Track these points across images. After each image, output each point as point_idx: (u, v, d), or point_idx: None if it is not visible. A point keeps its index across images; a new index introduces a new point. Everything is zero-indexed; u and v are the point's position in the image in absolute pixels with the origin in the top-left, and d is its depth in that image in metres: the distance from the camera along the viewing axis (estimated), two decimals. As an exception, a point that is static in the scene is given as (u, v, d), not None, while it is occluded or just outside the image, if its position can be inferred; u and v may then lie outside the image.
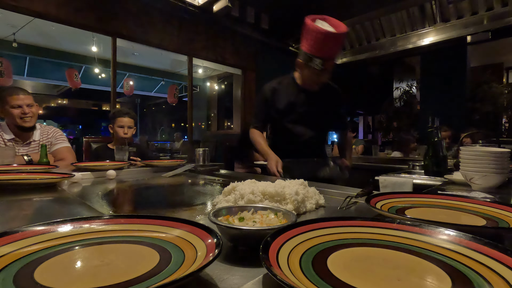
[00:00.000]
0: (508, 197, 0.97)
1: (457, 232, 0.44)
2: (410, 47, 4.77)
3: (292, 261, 0.38)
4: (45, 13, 3.21)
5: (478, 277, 0.35)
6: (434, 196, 0.79)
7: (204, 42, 4.67)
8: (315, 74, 1.63)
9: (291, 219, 0.52)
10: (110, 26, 3.70)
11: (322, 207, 0.83)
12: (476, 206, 0.70)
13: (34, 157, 1.82)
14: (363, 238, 0.47)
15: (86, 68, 7.15)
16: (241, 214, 0.57)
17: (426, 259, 0.40)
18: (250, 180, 0.86)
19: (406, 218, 0.57)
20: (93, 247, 0.45)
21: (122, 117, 2.41)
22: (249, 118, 5.45)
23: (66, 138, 2.20)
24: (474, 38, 4.23)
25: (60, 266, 0.39)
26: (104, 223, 0.51)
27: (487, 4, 3.98)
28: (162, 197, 1.16)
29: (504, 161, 1.03)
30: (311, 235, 0.46)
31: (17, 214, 0.75)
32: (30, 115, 1.96)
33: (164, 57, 6.05)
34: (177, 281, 0.30)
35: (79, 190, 1.13)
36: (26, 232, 0.45)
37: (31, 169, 1.41)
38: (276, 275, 0.30)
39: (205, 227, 0.46)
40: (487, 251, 0.39)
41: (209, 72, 7.11)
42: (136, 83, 7.59)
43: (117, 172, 1.48)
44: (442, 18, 4.35)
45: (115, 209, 0.90)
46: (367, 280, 0.35)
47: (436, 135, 1.50)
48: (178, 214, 0.78)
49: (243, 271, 0.41)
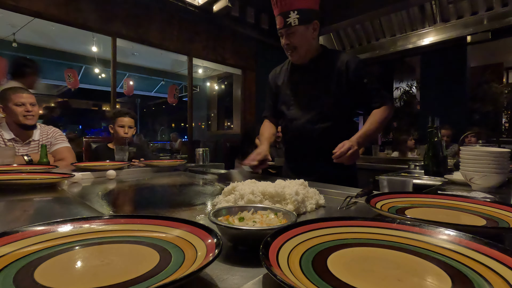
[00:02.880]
0: (508, 197, 0.97)
1: (457, 232, 0.44)
2: (410, 47, 4.77)
3: (292, 261, 0.38)
4: (45, 13, 3.21)
5: (478, 277, 0.35)
6: (434, 196, 0.79)
7: (204, 42, 4.67)
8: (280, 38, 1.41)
9: (291, 219, 0.52)
10: (110, 26, 3.70)
11: (322, 207, 0.83)
12: (476, 206, 0.70)
13: (34, 157, 1.82)
14: (363, 238, 0.47)
15: (86, 68, 7.15)
16: (241, 214, 0.57)
17: (426, 259, 0.40)
18: (250, 180, 0.86)
19: (406, 218, 0.57)
20: (93, 247, 0.45)
21: (122, 117, 2.42)
22: (249, 118, 5.46)
23: (66, 138, 2.20)
24: (474, 38, 4.23)
25: (60, 266, 0.39)
26: (104, 223, 0.51)
27: (487, 4, 3.98)
28: (162, 197, 1.16)
29: (504, 161, 1.03)
30: (311, 235, 0.46)
31: (17, 214, 0.75)
32: (33, 114, 1.97)
33: (164, 57, 6.05)
34: (177, 281, 0.30)
35: (79, 190, 1.13)
36: (26, 232, 0.45)
37: (31, 169, 1.41)
38: (276, 275, 0.30)
39: (205, 227, 0.46)
40: (487, 251, 0.39)
41: (209, 72, 7.11)
42: (136, 83, 7.59)
43: (117, 172, 1.48)
44: (442, 18, 4.36)
45: (115, 209, 0.90)
46: (367, 280, 0.35)
47: (436, 135, 1.50)
48: (178, 214, 0.78)
49: (243, 271, 0.41)
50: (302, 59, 1.46)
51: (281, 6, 1.34)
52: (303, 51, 1.42)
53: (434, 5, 4.24)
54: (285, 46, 1.42)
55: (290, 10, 1.32)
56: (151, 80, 8.52)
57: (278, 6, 1.35)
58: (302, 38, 1.38)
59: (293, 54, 1.43)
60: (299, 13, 1.32)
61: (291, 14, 1.32)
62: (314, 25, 1.38)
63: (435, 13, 4.33)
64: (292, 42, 1.38)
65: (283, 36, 1.40)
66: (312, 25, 1.38)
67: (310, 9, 1.35)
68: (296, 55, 1.43)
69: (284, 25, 1.35)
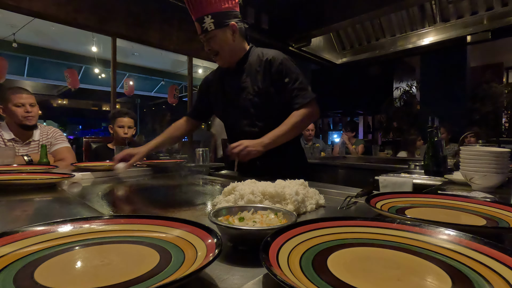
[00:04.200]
0: (508, 197, 0.97)
1: (457, 232, 0.44)
2: (410, 47, 4.77)
3: (292, 261, 0.38)
4: (45, 13, 3.21)
5: (478, 277, 0.35)
6: (434, 196, 0.79)
7: (204, 42, 4.67)
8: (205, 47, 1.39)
9: (291, 219, 0.52)
10: (110, 26, 3.70)
11: (322, 207, 0.83)
12: (476, 206, 0.70)
13: (34, 157, 1.82)
14: (363, 238, 0.47)
15: (86, 68, 7.16)
16: (241, 214, 0.57)
17: (426, 259, 0.40)
18: (250, 180, 0.86)
19: (406, 218, 0.56)
20: (93, 247, 0.45)
21: (122, 117, 2.42)
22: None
23: (66, 138, 2.20)
24: (474, 38, 4.23)
25: (60, 266, 0.39)
26: (104, 223, 0.51)
27: (487, 4, 3.98)
28: (162, 197, 1.16)
29: (504, 161, 1.03)
30: (311, 235, 0.46)
31: (17, 214, 0.75)
32: (33, 114, 1.97)
33: (164, 57, 6.06)
34: (177, 281, 0.30)
35: (79, 190, 1.13)
36: (26, 232, 0.45)
37: (31, 169, 1.41)
38: (276, 275, 0.30)
39: (205, 227, 0.46)
40: (487, 251, 0.39)
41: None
42: (136, 83, 7.60)
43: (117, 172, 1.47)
44: (442, 18, 4.36)
45: (115, 209, 0.90)
46: (367, 280, 0.35)
47: (436, 135, 1.50)
48: (178, 214, 0.78)
49: (243, 271, 0.41)
50: (227, 63, 1.44)
51: (195, 11, 1.31)
52: (226, 54, 1.40)
53: (434, 5, 4.24)
54: (208, 52, 1.40)
55: (204, 15, 1.29)
56: (151, 80, 8.53)
57: (193, 12, 1.33)
58: (222, 42, 1.35)
59: (217, 58, 1.41)
60: (213, 17, 1.29)
61: (205, 19, 1.30)
62: (232, 27, 1.35)
63: (435, 13, 4.33)
64: (213, 47, 1.36)
65: (204, 42, 1.37)
66: (229, 27, 1.35)
67: (225, 11, 1.32)
68: (220, 59, 1.42)
69: (202, 30, 1.33)
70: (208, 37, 1.34)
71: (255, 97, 1.40)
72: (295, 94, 1.36)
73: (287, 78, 1.36)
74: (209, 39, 1.35)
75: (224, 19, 1.32)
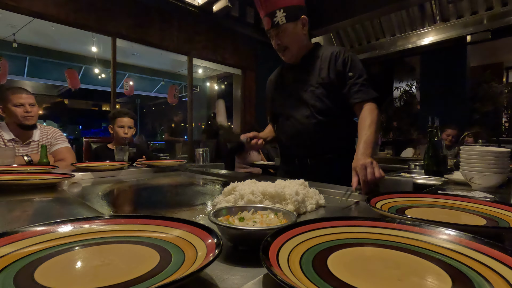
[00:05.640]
0: (508, 197, 0.97)
1: (458, 232, 0.44)
2: (410, 47, 4.76)
3: (292, 261, 0.38)
4: (45, 13, 3.21)
5: (478, 277, 0.35)
6: (434, 196, 0.79)
7: (204, 42, 4.66)
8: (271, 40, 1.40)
9: (291, 219, 0.52)
10: (110, 26, 3.70)
11: (322, 207, 0.83)
12: (476, 206, 0.70)
13: (34, 157, 1.82)
14: (363, 238, 0.47)
15: (86, 68, 7.15)
16: (241, 214, 0.57)
17: (427, 259, 0.40)
18: (250, 180, 0.86)
19: (406, 218, 0.56)
20: (93, 247, 0.45)
21: (122, 117, 2.42)
22: (249, 118, 5.46)
23: (65, 138, 2.20)
24: (474, 37, 4.23)
25: (60, 267, 0.39)
26: (104, 223, 0.51)
27: (487, 4, 3.97)
28: (162, 197, 1.16)
29: (504, 160, 1.03)
30: (311, 235, 0.46)
31: (17, 215, 0.75)
32: (32, 114, 1.97)
33: (164, 57, 6.05)
34: (177, 281, 0.30)
35: (79, 190, 1.13)
36: (26, 232, 0.45)
37: (31, 169, 1.41)
38: (276, 275, 0.30)
39: (205, 227, 0.46)
40: (487, 251, 0.39)
41: (209, 72, 7.11)
42: (136, 83, 7.59)
43: (117, 172, 1.48)
44: (442, 18, 4.35)
45: (115, 209, 0.90)
46: (367, 280, 0.35)
47: (436, 135, 1.50)
48: (178, 214, 0.78)
49: (243, 271, 0.41)
50: (294, 58, 1.44)
51: (266, 6, 1.32)
52: (295, 49, 1.40)
53: (434, 5, 4.24)
54: (276, 47, 1.40)
55: (276, 9, 1.30)
56: (151, 80, 8.52)
57: (263, 7, 1.33)
58: (292, 36, 1.36)
59: (285, 53, 1.41)
60: (285, 11, 1.30)
61: (277, 13, 1.30)
62: (302, 20, 1.36)
63: (435, 13, 4.33)
64: (283, 41, 1.36)
65: (273, 37, 1.38)
66: (300, 20, 1.36)
67: (296, 5, 1.33)
68: (288, 54, 1.41)
69: (272, 25, 1.33)
70: (278, 31, 1.34)
71: (318, 89, 1.38)
72: (358, 89, 1.32)
73: (351, 72, 1.34)
74: (279, 34, 1.35)
75: (295, 13, 1.33)
